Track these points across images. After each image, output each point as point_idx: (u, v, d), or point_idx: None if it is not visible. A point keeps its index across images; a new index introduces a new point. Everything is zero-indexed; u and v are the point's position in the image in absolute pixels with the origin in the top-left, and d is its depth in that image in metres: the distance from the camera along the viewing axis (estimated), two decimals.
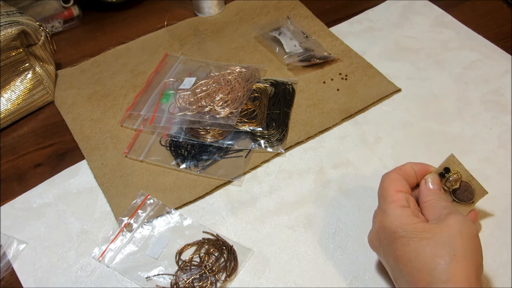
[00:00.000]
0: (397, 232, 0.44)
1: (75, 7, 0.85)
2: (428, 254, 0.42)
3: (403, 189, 0.48)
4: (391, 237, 0.45)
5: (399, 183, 0.49)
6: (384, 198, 0.48)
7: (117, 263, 0.55)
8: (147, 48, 0.81)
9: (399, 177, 0.49)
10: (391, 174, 0.50)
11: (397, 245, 0.44)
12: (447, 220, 0.44)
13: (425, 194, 0.49)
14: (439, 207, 0.47)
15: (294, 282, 0.53)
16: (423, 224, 0.44)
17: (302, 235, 0.57)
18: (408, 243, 0.43)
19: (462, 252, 0.42)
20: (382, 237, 0.47)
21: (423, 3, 0.84)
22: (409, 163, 0.52)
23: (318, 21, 0.83)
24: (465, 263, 0.41)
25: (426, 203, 0.48)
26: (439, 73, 0.73)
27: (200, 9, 0.86)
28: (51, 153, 0.68)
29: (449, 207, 0.47)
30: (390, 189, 0.48)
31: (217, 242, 0.56)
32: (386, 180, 0.49)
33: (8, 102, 0.70)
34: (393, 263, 0.45)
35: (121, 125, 0.70)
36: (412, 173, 0.51)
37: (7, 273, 0.56)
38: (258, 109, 0.67)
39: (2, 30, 0.65)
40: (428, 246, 0.42)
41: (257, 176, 0.63)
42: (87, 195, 0.62)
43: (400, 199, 0.47)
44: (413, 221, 0.45)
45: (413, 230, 0.44)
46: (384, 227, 0.46)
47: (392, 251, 0.45)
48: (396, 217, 0.45)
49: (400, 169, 0.51)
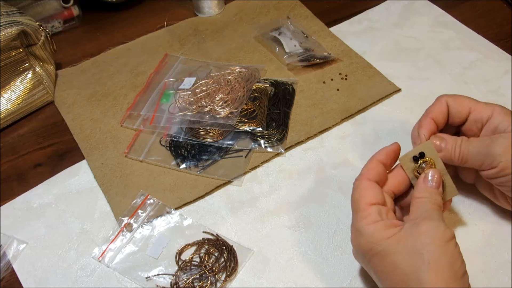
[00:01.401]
0: (373, 248, 0.44)
1: (75, 7, 0.85)
2: (404, 265, 0.42)
3: (375, 199, 0.47)
4: (368, 254, 0.45)
5: (371, 193, 0.47)
6: (356, 212, 0.47)
7: (117, 263, 0.55)
8: (147, 48, 0.81)
9: (370, 184, 0.48)
10: (361, 182, 0.48)
11: (375, 261, 0.44)
12: (420, 227, 0.43)
13: (419, 189, 0.48)
14: (422, 210, 0.46)
15: (294, 282, 0.53)
16: (396, 237, 0.43)
17: (302, 235, 0.57)
18: (385, 258, 0.43)
19: (436, 259, 0.41)
20: (360, 255, 0.47)
21: (423, 3, 0.84)
22: (374, 157, 0.50)
23: (318, 21, 0.83)
24: (440, 269, 0.41)
25: (416, 200, 0.47)
26: (439, 73, 0.73)
27: (200, 9, 0.86)
28: (51, 153, 0.68)
29: (428, 211, 0.45)
30: (361, 202, 0.47)
31: (217, 242, 0.56)
32: (356, 192, 0.48)
33: (8, 102, 0.70)
34: (375, 277, 0.46)
35: (121, 125, 0.70)
36: (381, 168, 0.49)
37: (7, 273, 0.56)
38: (258, 109, 0.67)
39: (2, 30, 0.65)
40: (403, 257, 0.42)
41: (257, 176, 0.63)
42: (87, 195, 0.62)
43: (372, 214, 0.45)
44: (387, 235, 0.44)
45: (388, 245, 0.43)
46: (359, 245, 0.46)
47: (371, 268, 0.45)
48: (369, 234, 0.45)
49: (369, 170, 0.49)
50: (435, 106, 0.54)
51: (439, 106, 0.54)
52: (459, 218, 0.56)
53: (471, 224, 0.56)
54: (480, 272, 0.52)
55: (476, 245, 0.54)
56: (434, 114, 0.53)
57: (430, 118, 0.53)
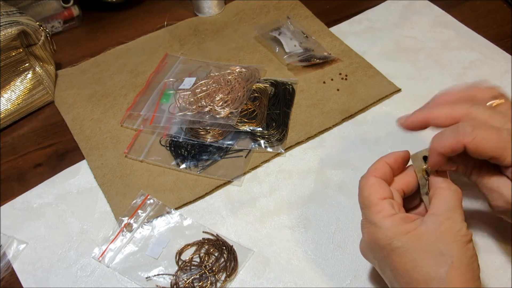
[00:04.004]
0: (392, 243, 0.43)
1: (75, 7, 0.85)
2: (426, 263, 0.42)
3: (386, 194, 0.46)
4: (386, 249, 0.44)
5: (379, 188, 0.47)
6: (368, 208, 0.46)
7: (117, 263, 0.55)
8: (147, 48, 0.81)
9: (378, 181, 0.47)
10: (369, 179, 0.48)
11: (393, 257, 0.43)
12: (442, 226, 0.43)
13: (439, 181, 0.47)
14: (445, 206, 0.44)
15: (294, 282, 0.53)
16: (416, 233, 0.43)
17: (302, 235, 0.57)
18: (405, 254, 0.42)
19: (459, 259, 0.41)
20: (376, 250, 0.45)
21: (423, 3, 0.84)
22: (382, 159, 0.49)
23: (318, 21, 0.83)
24: (462, 269, 0.41)
25: (439, 190, 0.46)
26: (439, 73, 0.73)
27: (200, 9, 0.86)
28: (51, 153, 0.68)
29: (451, 210, 0.44)
30: (372, 198, 0.46)
31: (217, 242, 0.56)
32: (365, 188, 0.47)
33: (8, 102, 0.70)
34: (390, 274, 0.44)
35: (121, 125, 0.70)
36: (388, 170, 0.49)
37: (7, 273, 0.56)
38: (258, 109, 0.67)
39: (2, 30, 0.65)
40: (425, 255, 0.42)
41: (257, 176, 0.63)
42: (87, 195, 0.62)
43: (386, 208, 0.45)
44: (407, 230, 0.43)
45: (408, 240, 0.43)
46: (376, 240, 0.44)
47: (388, 263, 0.44)
48: (387, 228, 0.44)
49: (376, 169, 0.48)
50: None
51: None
52: None
53: (471, 225, 0.56)
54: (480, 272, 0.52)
55: (476, 245, 0.54)
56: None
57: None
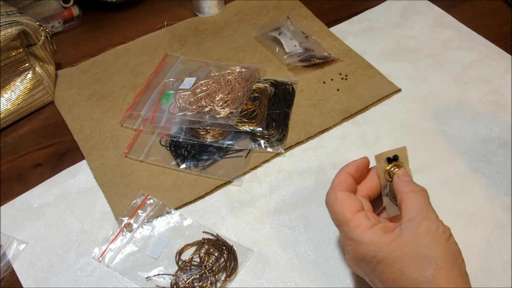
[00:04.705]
0: (377, 256, 0.43)
1: (75, 7, 0.85)
2: (412, 270, 0.42)
3: (357, 206, 0.46)
4: (372, 262, 0.44)
5: (350, 202, 0.46)
6: (345, 225, 0.46)
7: (117, 263, 0.55)
8: (147, 48, 0.81)
9: (347, 194, 0.47)
10: (337, 194, 0.47)
11: (380, 269, 0.43)
12: (420, 229, 0.43)
13: (401, 185, 0.47)
14: (416, 208, 0.45)
15: (294, 282, 0.53)
16: (398, 241, 0.43)
17: (302, 235, 0.57)
18: (390, 264, 0.42)
19: (443, 259, 0.41)
20: (362, 265, 0.45)
21: (423, 3, 0.84)
22: (344, 170, 0.49)
23: (318, 21, 0.83)
24: (448, 268, 0.41)
25: (405, 195, 0.46)
26: (439, 73, 0.73)
27: (200, 9, 0.86)
28: (51, 153, 0.68)
29: (423, 210, 0.45)
30: (346, 213, 0.46)
31: (217, 242, 0.56)
32: (336, 205, 0.47)
33: (8, 102, 0.70)
34: (380, 285, 0.44)
35: (121, 125, 0.70)
36: (351, 180, 0.49)
37: (7, 273, 0.56)
38: (258, 109, 0.67)
39: (2, 30, 0.65)
40: (410, 262, 0.42)
41: (257, 176, 0.63)
42: (87, 195, 0.62)
43: (363, 221, 0.45)
44: (389, 240, 0.43)
45: (391, 250, 0.43)
46: (360, 255, 0.44)
47: (376, 275, 0.44)
48: (369, 242, 0.44)
49: (340, 183, 0.48)
50: None
51: None
52: (459, 219, 0.57)
53: (471, 225, 0.56)
54: (480, 272, 0.52)
55: (476, 245, 0.54)
56: None
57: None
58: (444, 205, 0.58)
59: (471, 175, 0.61)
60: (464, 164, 0.62)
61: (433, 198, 0.60)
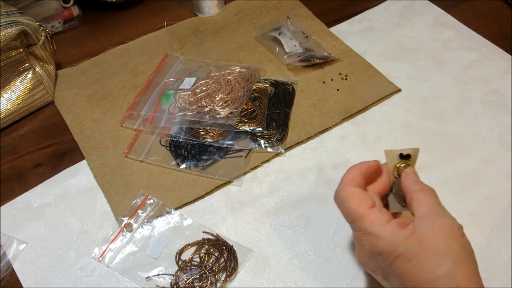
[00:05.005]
0: (396, 250, 0.43)
1: (75, 7, 0.85)
2: (431, 264, 0.42)
3: (371, 202, 0.46)
4: (389, 257, 0.43)
5: (364, 197, 0.46)
6: (360, 220, 0.45)
7: (117, 263, 0.55)
8: (147, 48, 0.81)
9: (360, 190, 0.47)
10: (349, 190, 0.46)
11: (398, 264, 0.43)
12: (435, 225, 0.43)
13: (410, 184, 0.47)
14: (427, 206, 0.45)
15: (294, 282, 0.53)
16: (416, 236, 0.43)
17: (302, 235, 0.57)
18: (410, 259, 0.42)
19: (460, 254, 0.42)
20: (379, 260, 0.45)
21: (423, 3, 0.84)
22: (356, 168, 0.49)
23: (318, 21, 0.83)
24: (465, 263, 0.42)
25: (415, 193, 0.46)
26: (439, 73, 0.73)
27: (200, 9, 0.86)
28: (51, 153, 0.68)
29: (434, 208, 0.45)
30: (361, 209, 0.45)
31: (217, 242, 0.56)
32: (349, 200, 0.46)
33: (8, 102, 0.70)
34: (395, 281, 0.44)
35: (121, 125, 0.70)
36: (362, 179, 0.48)
37: (7, 273, 0.56)
38: (258, 109, 0.67)
39: (2, 30, 0.65)
40: (429, 257, 0.42)
41: (257, 176, 0.63)
42: (87, 195, 0.62)
43: (379, 216, 0.45)
44: (407, 235, 0.43)
45: (411, 245, 0.42)
46: (378, 249, 0.44)
47: (393, 271, 0.43)
48: (387, 236, 0.43)
49: (352, 179, 0.47)
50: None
51: None
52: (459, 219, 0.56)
53: (471, 225, 0.56)
54: (480, 272, 0.52)
55: (476, 245, 0.54)
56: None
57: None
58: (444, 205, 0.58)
59: (471, 175, 0.61)
60: (464, 164, 0.62)
61: None
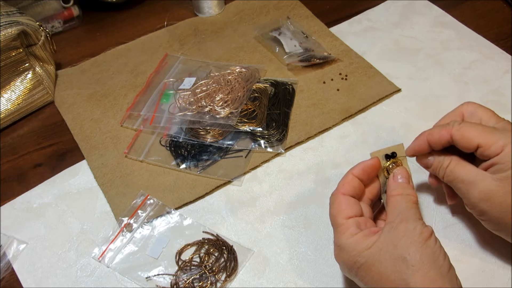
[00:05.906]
0: (357, 261, 0.44)
1: (75, 7, 0.85)
2: (389, 272, 0.42)
3: (352, 212, 0.47)
4: (354, 267, 0.45)
5: (346, 206, 0.47)
6: (335, 228, 0.47)
7: (117, 263, 0.55)
8: (147, 48, 0.81)
9: (346, 198, 0.48)
10: (337, 198, 0.48)
11: (361, 273, 0.44)
12: (398, 231, 0.44)
13: (392, 188, 0.48)
14: (397, 210, 0.46)
15: (294, 282, 0.53)
16: (376, 245, 0.44)
17: (302, 235, 0.57)
18: (370, 269, 0.43)
19: (419, 260, 0.42)
20: (346, 270, 0.46)
21: (423, 3, 0.84)
22: (350, 172, 0.50)
23: (318, 21, 0.83)
24: (424, 269, 0.41)
25: (391, 198, 0.47)
26: (439, 73, 0.73)
27: (200, 9, 0.86)
28: (51, 153, 0.68)
29: (404, 212, 0.45)
30: (338, 218, 0.47)
31: (217, 242, 0.56)
32: (333, 207, 0.48)
33: (8, 102, 0.70)
34: (365, 287, 0.45)
35: (121, 125, 0.70)
36: (356, 183, 0.49)
37: (7, 273, 0.56)
38: (258, 109, 0.67)
39: (2, 30, 0.65)
40: (387, 265, 0.42)
41: (257, 176, 0.63)
42: (87, 195, 0.62)
43: (350, 227, 0.46)
44: (368, 245, 0.44)
45: (370, 254, 0.43)
46: (344, 261, 0.46)
47: (360, 280, 0.45)
48: (350, 248, 0.45)
49: (344, 185, 0.49)
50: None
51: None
52: (459, 218, 0.57)
53: (471, 225, 0.56)
54: (480, 272, 0.52)
55: (476, 245, 0.54)
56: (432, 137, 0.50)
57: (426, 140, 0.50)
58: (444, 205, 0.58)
59: None
60: None
61: (432, 198, 0.60)
